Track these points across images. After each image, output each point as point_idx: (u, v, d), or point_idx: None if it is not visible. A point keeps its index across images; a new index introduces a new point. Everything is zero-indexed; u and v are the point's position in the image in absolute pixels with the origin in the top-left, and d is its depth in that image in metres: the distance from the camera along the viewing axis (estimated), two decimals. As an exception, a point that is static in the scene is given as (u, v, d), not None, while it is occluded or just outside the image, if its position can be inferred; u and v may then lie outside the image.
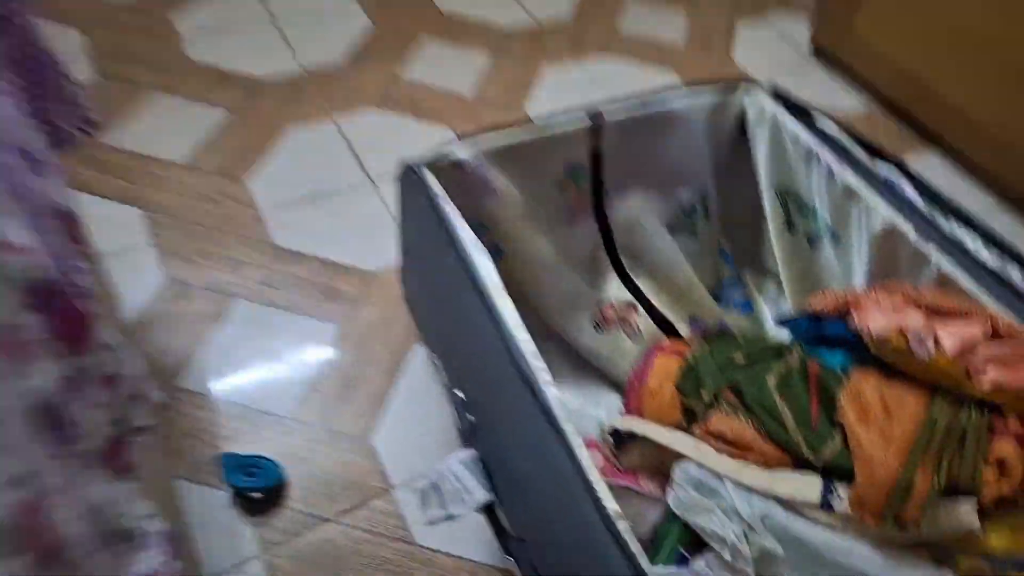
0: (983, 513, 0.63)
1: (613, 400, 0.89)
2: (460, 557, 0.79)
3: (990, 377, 0.64)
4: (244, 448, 0.85)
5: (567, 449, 0.59)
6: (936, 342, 0.65)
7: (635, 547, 0.55)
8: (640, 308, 0.96)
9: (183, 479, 0.83)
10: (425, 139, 1.23)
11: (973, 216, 0.79)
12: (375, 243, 1.07)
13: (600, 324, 0.94)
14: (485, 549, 0.80)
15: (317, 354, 0.95)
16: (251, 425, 0.88)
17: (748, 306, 1.01)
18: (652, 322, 0.95)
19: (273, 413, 0.89)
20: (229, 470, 0.82)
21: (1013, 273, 0.75)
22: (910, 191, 0.84)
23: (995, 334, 0.66)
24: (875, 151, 0.88)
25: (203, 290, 1.00)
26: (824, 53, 1.53)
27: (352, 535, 0.80)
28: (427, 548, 0.80)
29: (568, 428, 0.60)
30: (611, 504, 0.56)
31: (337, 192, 1.14)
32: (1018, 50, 1.16)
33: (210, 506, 0.81)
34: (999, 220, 1.25)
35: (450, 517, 0.64)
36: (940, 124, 1.34)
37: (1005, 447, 0.63)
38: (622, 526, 0.55)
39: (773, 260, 0.98)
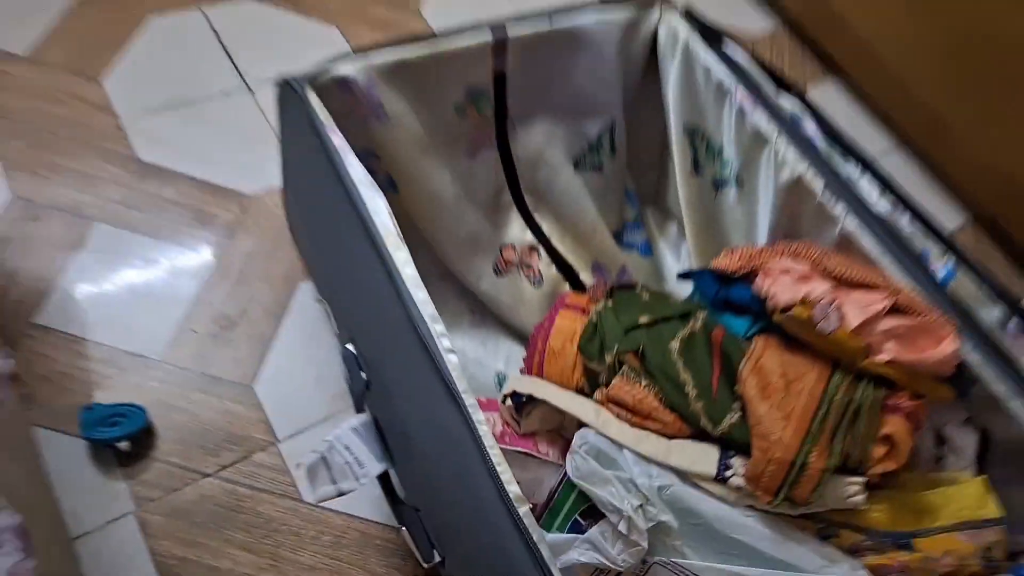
0: (868, 489, 0.65)
1: (514, 350, 0.87)
2: (350, 515, 0.76)
3: (887, 354, 0.65)
4: (110, 396, 0.78)
5: (464, 417, 0.56)
6: (840, 315, 0.65)
7: (529, 520, 0.53)
8: (542, 252, 0.92)
9: (42, 428, 0.75)
10: (307, 36, 1.11)
11: (871, 160, 0.77)
12: (253, 160, 0.97)
13: (500, 268, 0.89)
14: (376, 508, 0.77)
15: (190, 289, 0.87)
16: (118, 369, 0.80)
17: (648, 248, 0.99)
18: (554, 267, 0.91)
19: (142, 355, 0.81)
20: (87, 425, 0.75)
21: (903, 221, 0.75)
22: (811, 128, 0.82)
23: (895, 306, 0.67)
24: (780, 81, 0.85)
25: (54, 211, 0.88)
26: (737, -34, 1.47)
27: (235, 491, 0.75)
28: (316, 507, 0.76)
29: (467, 398, 0.56)
30: (506, 475, 0.54)
31: (208, 98, 1.01)
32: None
33: (75, 459, 0.74)
34: (891, 160, 1.28)
35: (341, 493, 0.60)
36: (844, 55, 1.33)
37: (895, 424, 0.64)
38: (515, 496, 0.53)
39: (677, 203, 0.95)
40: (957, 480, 0.69)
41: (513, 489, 0.54)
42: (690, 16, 0.88)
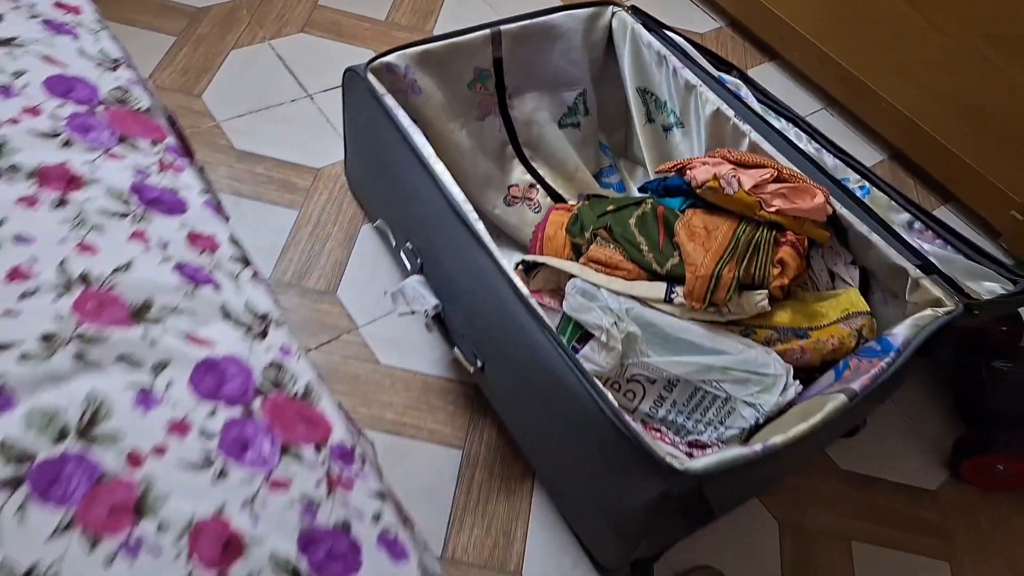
0: (772, 300, 0.95)
1: (520, 257, 1.17)
2: (414, 371, 1.06)
3: (774, 206, 0.95)
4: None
5: (495, 263, 0.86)
6: (739, 182, 0.95)
7: (548, 322, 0.82)
8: (539, 187, 1.23)
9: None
10: (348, 57, 1.44)
11: (800, 117, 1.08)
12: (318, 145, 1.29)
13: (508, 200, 1.20)
14: (430, 363, 1.06)
15: (285, 231, 1.18)
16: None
17: (621, 187, 1.30)
18: (549, 198, 1.22)
19: (252, 280, 1.13)
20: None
21: (826, 157, 1.05)
22: (750, 95, 1.13)
23: (779, 177, 0.97)
24: (723, 63, 1.17)
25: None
26: (684, -21, 1.81)
27: (331, 360, 1.05)
28: (388, 366, 1.06)
29: (494, 248, 0.86)
30: (531, 300, 0.84)
31: (279, 103, 1.35)
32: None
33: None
34: (821, 116, 1.58)
35: (413, 312, 0.90)
36: (775, 38, 1.64)
37: (785, 252, 0.94)
38: (537, 308, 0.83)
39: (640, 149, 1.26)
40: (840, 293, 0.98)
41: (534, 302, 0.83)
42: (635, 10, 1.20)
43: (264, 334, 0.42)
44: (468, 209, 0.90)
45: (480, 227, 0.88)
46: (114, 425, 0.36)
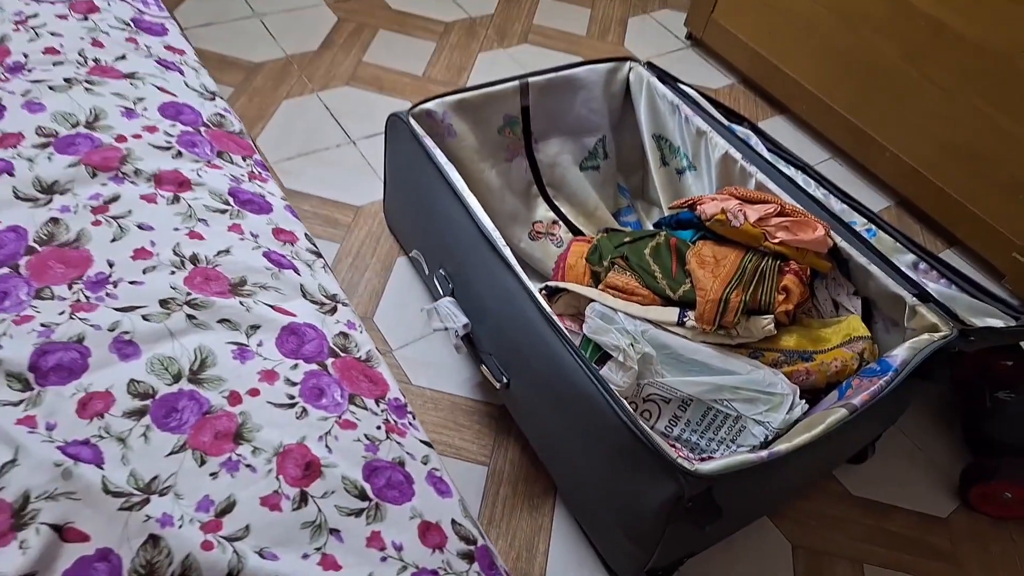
0: (779, 325, 1.02)
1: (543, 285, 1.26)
2: (442, 391, 1.14)
3: (778, 237, 1.03)
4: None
5: (522, 284, 0.94)
6: (744, 216, 1.04)
7: (574, 342, 0.90)
8: (562, 224, 1.32)
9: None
10: (389, 108, 1.56)
11: (808, 164, 1.17)
12: (360, 186, 1.40)
13: (533, 235, 1.30)
14: (457, 384, 1.15)
15: (328, 261, 1.28)
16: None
17: (638, 226, 1.39)
18: (571, 234, 1.31)
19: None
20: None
21: (833, 202, 1.13)
22: (756, 141, 1.22)
23: (782, 212, 1.06)
24: (735, 115, 1.27)
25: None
26: (696, 40, 1.94)
27: (366, 379, 1.14)
28: (419, 387, 1.14)
29: (520, 270, 0.95)
30: (554, 317, 0.92)
31: (325, 149, 1.47)
32: (838, 34, 1.58)
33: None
34: (829, 166, 1.68)
35: (446, 329, 0.99)
36: (784, 94, 1.75)
37: (788, 280, 1.02)
38: (559, 324, 0.91)
39: (655, 191, 1.36)
40: (843, 320, 1.05)
41: (557, 320, 0.91)
42: (651, 66, 1.32)
43: (334, 311, 0.51)
44: (497, 236, 0.99)
45: (508, 252, 0.97)
46: (217, 372, 0.45)
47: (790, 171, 1.19)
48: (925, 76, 1.44)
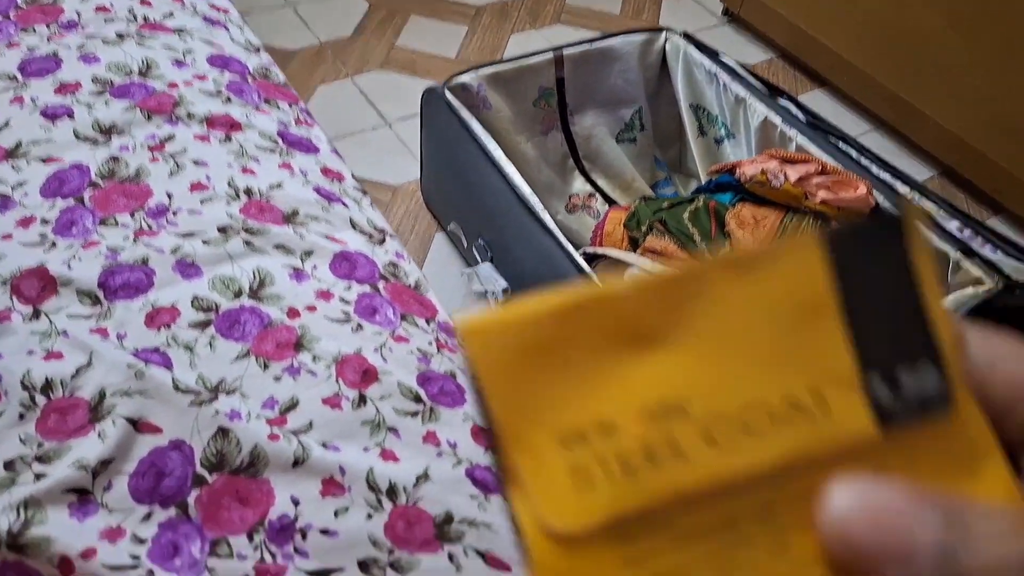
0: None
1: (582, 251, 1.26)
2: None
3: (819, 197, 1.03)
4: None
5: (560, 246, 0.95)
6: (785, 175, 1.03)
7: None
8: (598, 196, 1.33)
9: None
10: (423, 90, 1.58)
11: (850, 136, 1.16)
12: (397, 166, 1.42)
13: (570, 208, 1.31)
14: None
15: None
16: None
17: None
18: (607, 205, 1.32)
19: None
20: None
21: (876, 170, 1.12)
22: (801, 116, 1.21)
23: (823, 171, 1.05)
24: (775, 89, 1.26)
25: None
26: (733, 16, 1.93)
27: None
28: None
29: (562, 238, 0.96)
30: (595, 278, 0.93)
31: (361, 131, 1.49)
32: (881, 4, 1.56)
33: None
34: (871, 137, 1.66)
35: (485, 293, 1.00)
36: (824, 66, 1.73)
37: (829, 238, 1.01)
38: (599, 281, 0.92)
39: (694, 163, 1.35)
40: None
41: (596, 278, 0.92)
42: (687, 36, 1.32)
43: (383, 242, 0.52)
44: (536, 201, 1.00)
45: (547, 217, 0.98)
46: (276, 290, 0.46)
47: (814, 131, 1.18)
48: (971, 45, 1.41)
